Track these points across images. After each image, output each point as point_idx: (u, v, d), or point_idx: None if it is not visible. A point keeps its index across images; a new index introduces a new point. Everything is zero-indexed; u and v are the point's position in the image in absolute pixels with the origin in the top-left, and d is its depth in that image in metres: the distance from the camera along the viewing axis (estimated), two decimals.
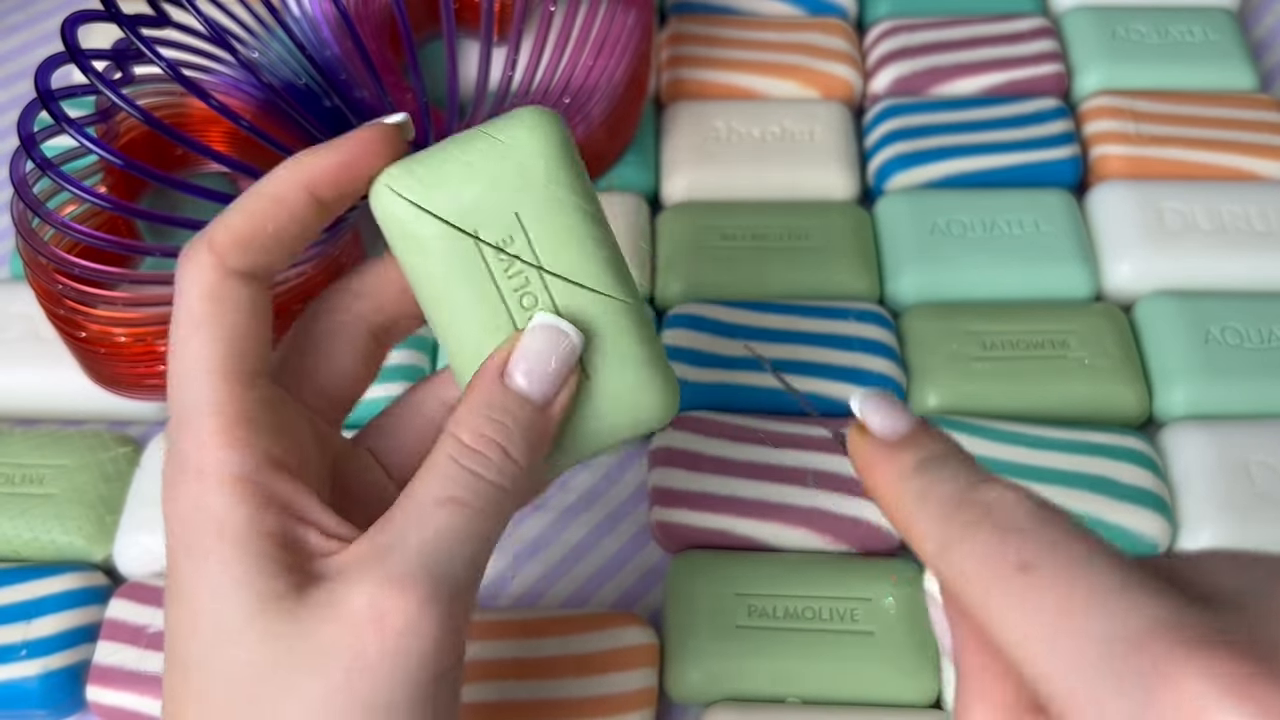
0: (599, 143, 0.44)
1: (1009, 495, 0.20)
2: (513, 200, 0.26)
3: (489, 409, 0.25)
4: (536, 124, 0.26)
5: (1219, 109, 0.47)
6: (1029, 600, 0.18)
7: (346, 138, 0.26)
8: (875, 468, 0.23)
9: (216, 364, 0.24)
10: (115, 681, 0.35)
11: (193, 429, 0.24)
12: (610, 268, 0.26)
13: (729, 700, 0.35)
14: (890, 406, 0.24)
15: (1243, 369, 0.41)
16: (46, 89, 0.32)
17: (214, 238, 0.25)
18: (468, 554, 0.23)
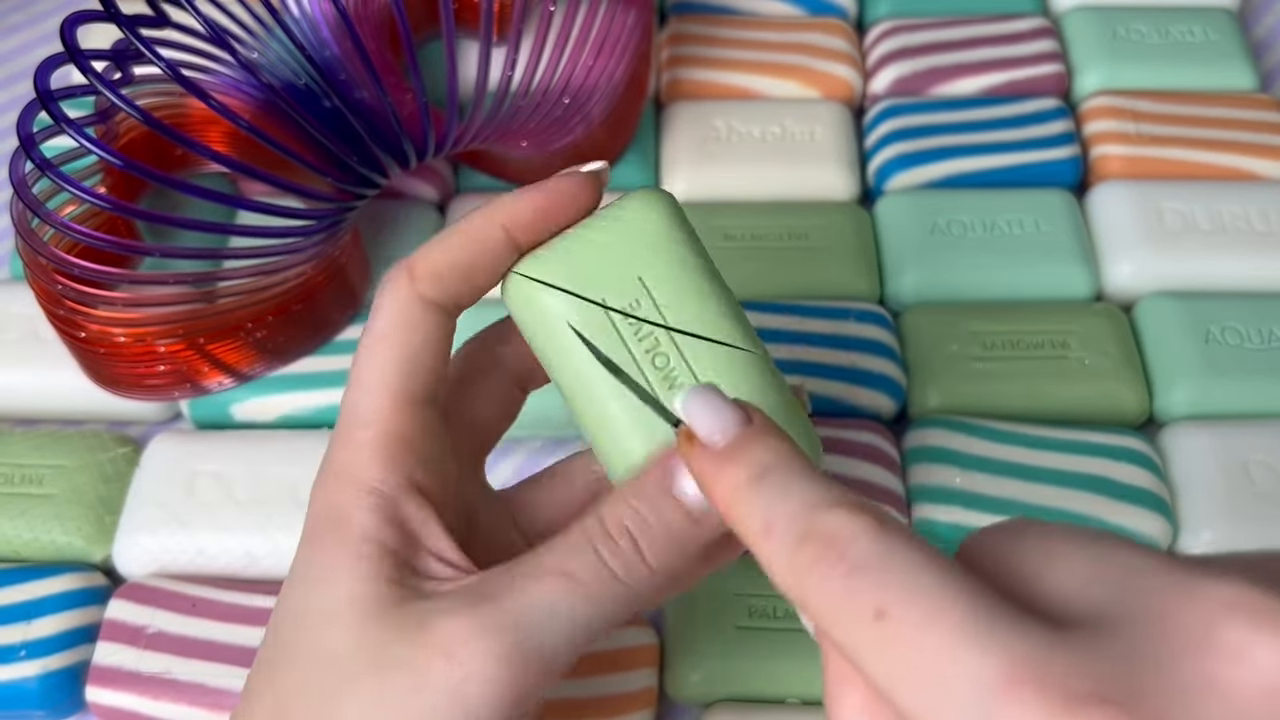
0: (599, 143, 0.44)
1: (852, 523, 0.19)
2: (635, 266, 0.26)
3: (639, 503, 0.24)
4: (650, 198, 0.27)
5: (1219, 109, 0.47)
6: (889, 648, 0.18)
7: (546, 185, 0.26)
8: (706, 481, 0.22)
9: (389, 381, 0.25)
10: (115, 682, 0.35)
11: (350, 436, 0.25)
12: (735, 321, 0.27)
13: (729, 700, 0.35)
14: (714, 405, 0.22)
15: (1243, 369, 0.41)
16: (46, 89, 0.32)
17: (414, 265, 0.26)
18: (562, 631, 0.23)
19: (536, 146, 0.42)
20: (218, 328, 0.37)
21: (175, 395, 0.40)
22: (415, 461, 0.25)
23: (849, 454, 0.39)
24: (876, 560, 0.18)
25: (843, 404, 0.40)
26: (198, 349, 0.38)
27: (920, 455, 0.39)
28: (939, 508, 0.38)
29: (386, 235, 0.45)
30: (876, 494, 0.38)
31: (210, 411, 0.41)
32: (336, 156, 0.35)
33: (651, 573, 0.24)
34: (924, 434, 0.40)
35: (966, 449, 0.39)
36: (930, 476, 0.38)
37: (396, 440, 0.25)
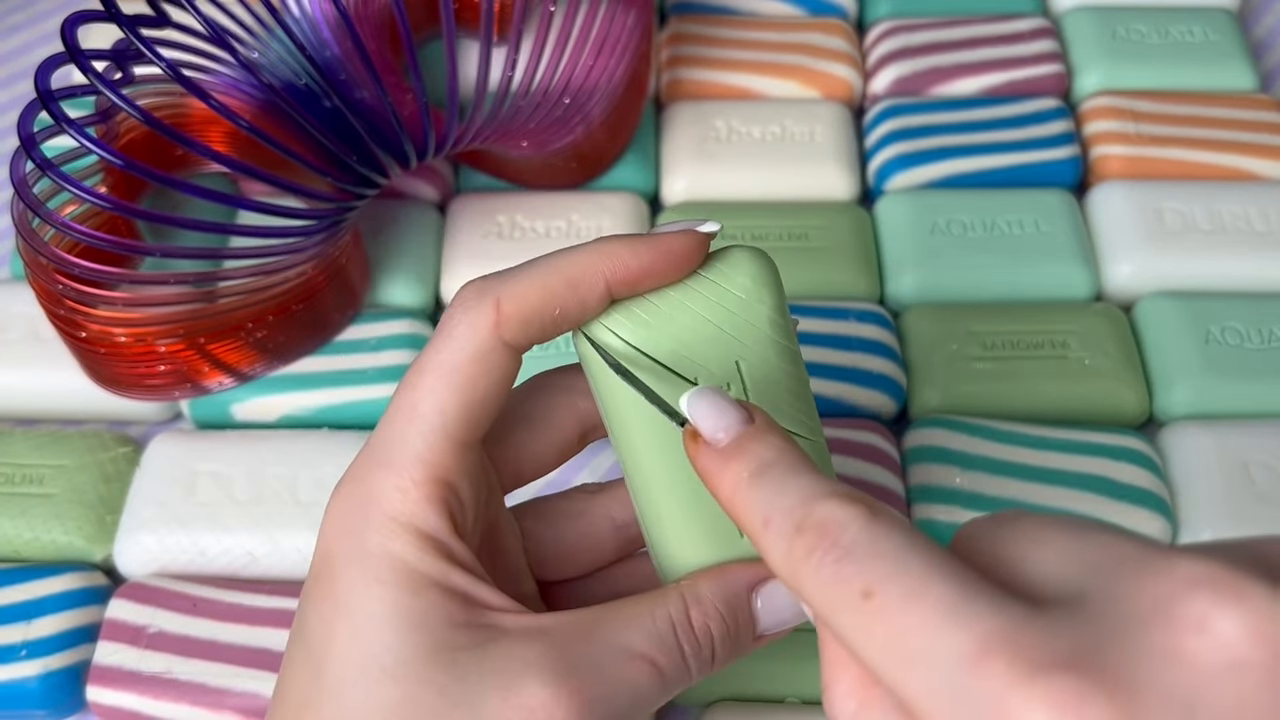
0: (599, 143, 0.44)
1: (844, 512, 0.20)
2: (735, 349, 0.25)
3: (727, 609, 0.25)
4: (760, 271, 0.26)
5: (1219, 109, 0.47)
6: (875, 627, 0.19)
7: (656, 241, 0.25)
8: (710, 477, 0.23)
9: (450, 422, 0.24)
10: (115, 681, 0.35)
11: (398, 471, 0.24)
12: (813, 412, 0.26)
13: (729, 700, 0.35)
14: (717, 405, 0.23)
15: (1243, 369, 0.41)
16: (46, 89, 0.32)
17: (503, 301, 0.24)
18: (633, 714, 0.24)
19: (537, 146, 0.42)
20: (218, 328, 0.37)
21: (176, 395, 0.40)
22: (458, 506, 0.24)
23: (849, 454, 0.39)
24: (866, 545, 0.19)
25: (843, 404, 0.40)
26: (198, 349, 0.38)
27: (920, 455, 0.39)
28: (939, 508, 0.38)
29: (386, 235, 0.45)
30: (877, 494, 0.38)
31: (211, 411, 0.41)
32: (337, 156, 0.35)
33: (709, 674, 0.25)
34: (924, 434, 0.40)
35: (966, 449, 0.39)
36: (930, 476, 0.38)
37: (448, 486, 0.24)
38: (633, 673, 0.24)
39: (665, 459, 0.25)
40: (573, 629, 0.24)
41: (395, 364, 0.41)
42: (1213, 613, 0.17)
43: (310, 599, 0.24)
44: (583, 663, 0.23)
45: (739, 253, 0.26)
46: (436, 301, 0.45)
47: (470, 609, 0.24)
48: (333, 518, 0.24)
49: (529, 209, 0.45)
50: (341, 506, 0.24)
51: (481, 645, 0.23)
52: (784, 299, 0.26)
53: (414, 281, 0.44)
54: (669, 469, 0.25)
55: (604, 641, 0.24)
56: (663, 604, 0.25)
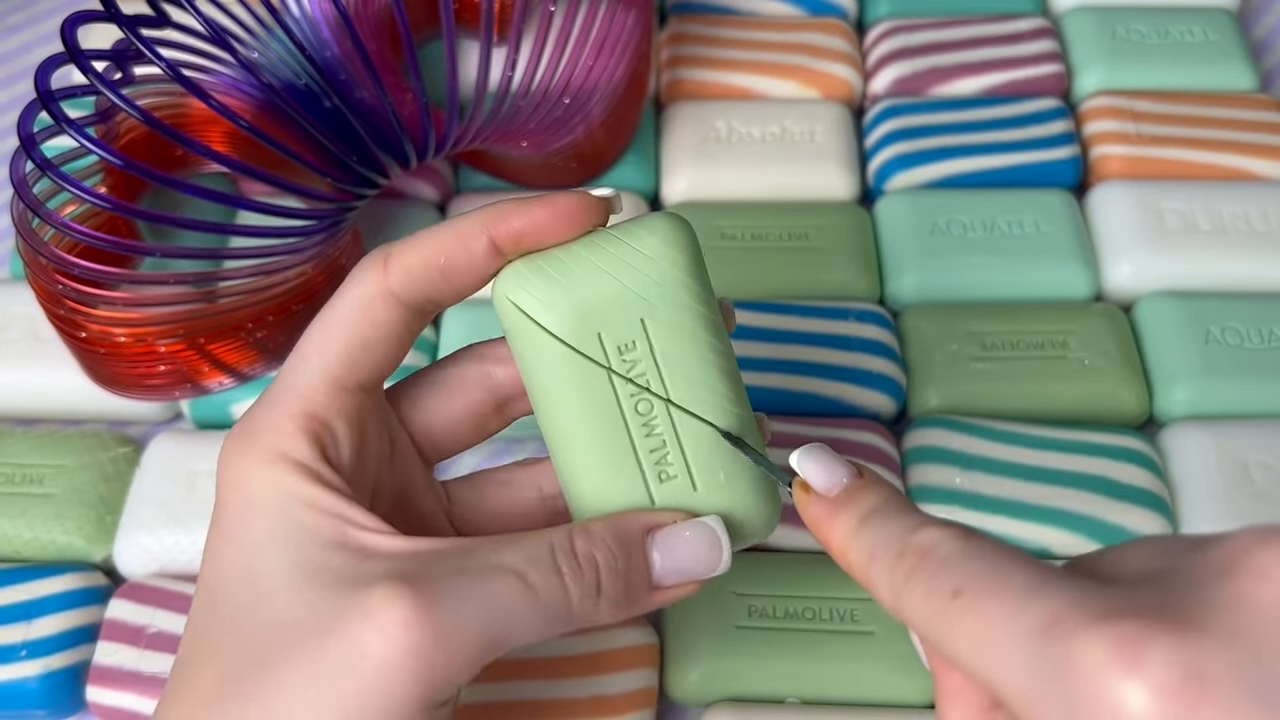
0: (599, 143, 0.44)
1: (939, 534, 0.22)
2: (641, 307, 0.26)
3: (616, 543, 0.25)
4: (673, 234, 0.26)
5: (1219, 109, 0.48)
6: (964, 621, 0.20)
7: (546, 199, 0.26)
8: (821, 526, 0.24)
9: (329, 364, 0.26)
10: (115, 682, 0.35)
11: (277, 407, 0.25)
12: (729, 380, 0.27)
13: (729, 700, 0.35)
14: (827, 462, 0.25)
15: (1243, 369, 0.41)
16: (46, 89, 0.32)
17: (391, 254, 0.26)
18: (500, 627, 0.23)
19: (536, 147, 0.42)
20: (218, 328, 0.37)
21: (176, 395, 0.40)
22: (330, 440, 0.25)
23: (849, 454, 0.39)
24: (958, 555, 0.21)
25: (843, 404, 0.40)
26: (198, 349, 0.38)
27: (920, 455, 0.39)
28: (939, 507, 0.38)
29: (386, 235, 0.45)
30: None
31: (211, 411, 0.41)
32: (337, 157, 0.35)
33: (594, 611, 0.25)
34: (924, 434, 0.40)
35: (966, 449, 0.39)
36: (930, 476, 0.38)
37: (322, 422, 0.25)
38: (495, 583, 0.23)
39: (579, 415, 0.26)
40: (444, 548, 0.24)
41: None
42: (1273, 563, 0.18)
43: (208, 534, 0.25)
44: (438, 571, 0.23)
45: (655, 217, 0.27)
46: None
47: (342, 529, 0.24)
48: (221, 457, 0.26)
49: None
50: (228, 445, 0.26)
51: (350, 562, 0.24)
52: (702, 267, 0.27)
53: None
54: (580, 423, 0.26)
55: (471, 557, 0.24)
56: (546, 533, 0.25)
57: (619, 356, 0.26)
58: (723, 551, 0.26)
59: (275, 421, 0.25)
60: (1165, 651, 0.17)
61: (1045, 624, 0.19)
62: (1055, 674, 0.18)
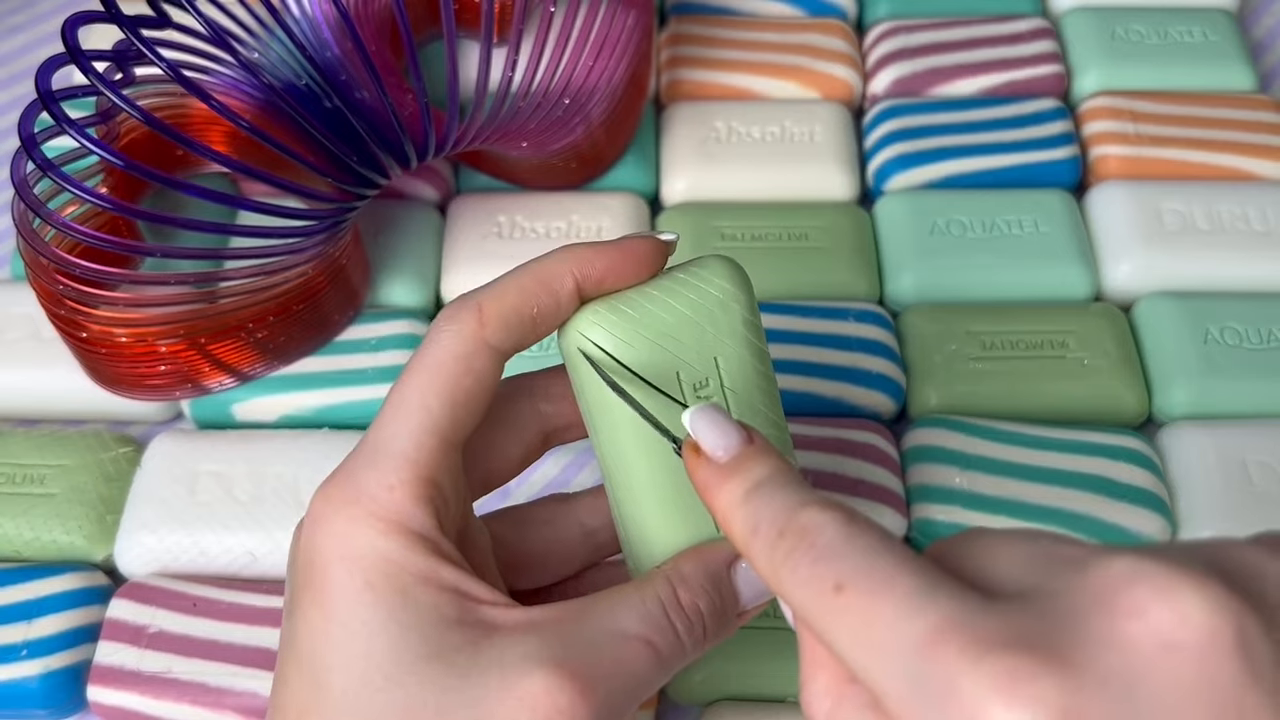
0: (599, 143, 0.44)
1: (822, 516, 0.21)
2: (714, 345, 0.27)
3: (712, 587, 0.26)
4: (734, 274, 0.27)
5: (1218, 109, 0.48)
6: (844, 617, 0.20)
7: (618, 244, 0.27)
8: (708, 490, 0.24)
9: (436, 422, 0.25)
10: (116, 681, 0.35)
11: (385, 471, 0.24)
12: (779, 409, 0.28)
13: (729, 700, 0.35)
14: (719, 423, 0.24)
15: (1242, 369, 0.41)
16: (47, 90, 0.32)
17: (485, 305, 0.25)
18: (635, 696, 0.24)
19: (536, 147, 0.42)
20: (219, 328, 0.37)
21: (176, 395, 0.40)
22: (442, 504, 0.25)
23: (849, 454, 0.39)
24: (841, 544, 0.21)
25: (842, 404, 0.41)
26: (199, 349, 0.38)
27: (920, 455, 0.39)
28: (939, 507, 0.38)
29: (387, 235, 0.45)
30: (876, 494, 0.38)
31: (211, 411, 0.41)
32: (337, 157, 0.35)
33: (701, 652, 0.26)
34: (924, 434, 0.40)
35: (966, 449, 0.39)
36: (930, 476, 0.38)
37: (434, 485, 0.25)
38: (630, 653, 0.24)
39: (648, 456, 0.26)
40: (565, 618, 0.24)
41: (395, 364, 0.41)
42: (1149, 601, 0.18)
43: (299, 606, 0.24)
44: (579, 648, 0.24)
45: (715, 259, 0.28)
46: (437, 302, 0.45)
47: (462, 605, 0.24)
48: (317, 520, 0.24)
49: (529, 209, 0.46)
50: (326, 509, 0.24)
51: (476, 641, 0.23)
52: (755, 303, 0.28)
53: (414, 282, 0.44)
54: (650, 464, 0.26)
55: (597, 627, 0.24)
56: (650, 587, 0.25)
57: (694, 394, 0.27)
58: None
59: (385, 483, 0.24)
60: (1046, 690, 0.17)
61: (928, 639, 0.19)
62: (935, 695, 0.18)
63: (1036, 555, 0.21)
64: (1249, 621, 0.18)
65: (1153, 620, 0.18)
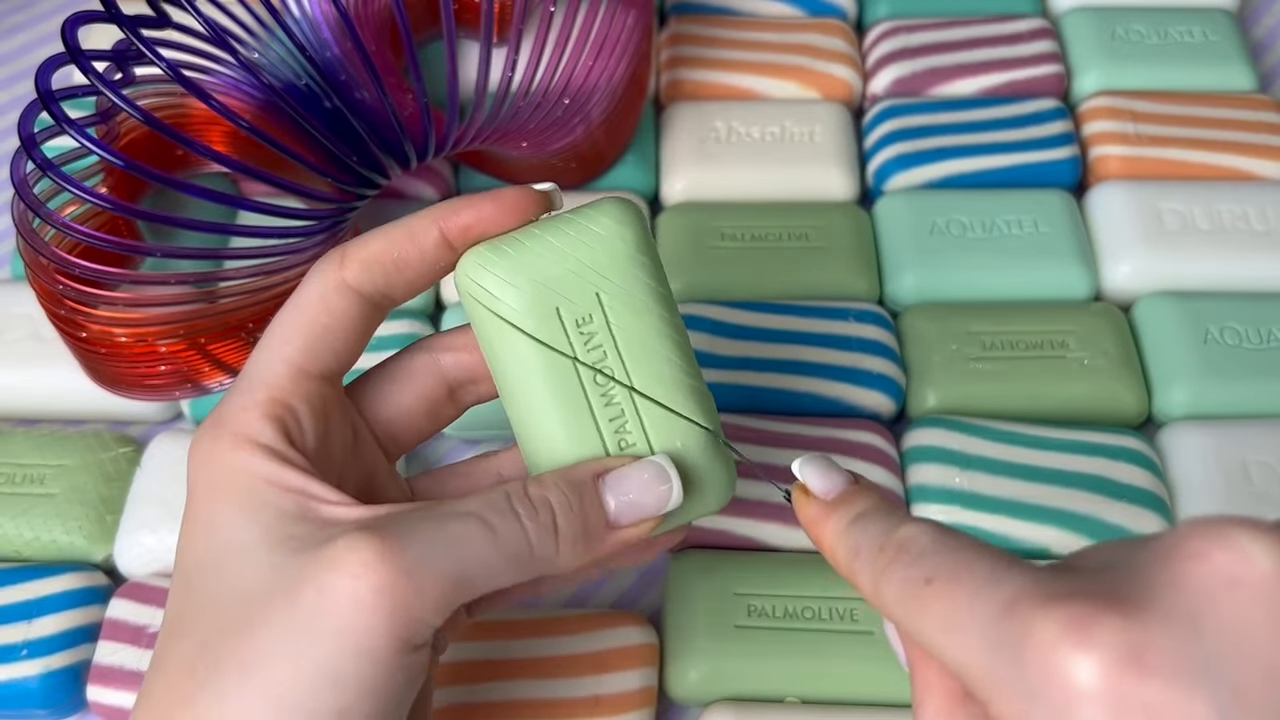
0: (599, 143, 0.44)
1: (917, 529, 0.23)
2: (596, 282, 0.27)
3: (568, 489, 0.26)
4: (624, 215, 0.28)
5: (1218, 110, 0.48)
6: (933, 606, 0.22)
7: (492, 195, 0.28)
8: (815, 526, 0.26)
9: (291, 352, 0.27)
10: (116, 681, 0.35)
11: (243, 395, 0.26)
12: (681, 351, 0.28)
13: (729, 700, 0.35)
14: (826, 469, 0.26)
15: (1242, 369, 0.41)
16: (47, 89, 0.32)
17: (346, 249, 0.27)
18: (465, 566, 0.24)
19: (536, 147, 0.42)
20: (219, 328, 0.37)
21: (176, 395, 0.40)
22: (304, 428, 0.26)
23: (849, 454, 0.39)
24: (933, 548, 0.23)
25: (842, 404, 0.41)
26: (199, 349, 0.38)
27: (919, 455, 0.39)
28: (938, 507, 0.38)
29: None
30: None
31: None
32: (337, 157, 0.35)
33: (556, 553, 0.25)
34: (923, 434, 0.40)
35: (966, 449, 0.39)
36: (930, 476, 0.38)
37: (287, 406, 0.26)
38: (457, 525, 0.24)
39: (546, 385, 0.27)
40: (406, 508, 0.25)
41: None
42: (1210, 545, 0.19)
43: (181, 526, 0.26)
44: (400, 520, 0.24)
45: (608, 200, 0.28)
46: (436, 301, 0.45)
47: (304, 503, 0.25)
48: (191, 449, 0.26)
49: None
50: (198, 436, 0.26)
51: (314, 531, 0.24)
52: (651, 243, 0.28)
53: None
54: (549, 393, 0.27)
55: (429, 508, 0.25)
56: (502, 486, 0.26)
57: (576, 330, 0.27)
58: (672, 485, 0.27)
59: (241, 409, 0.26)
60: (1111, 629, 0.19)
61: (1005, 606, 0.20)
62: (1011, 651, 0.20)
63: (1116, 544, 0.22)
64: None
65: (1215, 561, 0.19)
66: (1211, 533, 0.20)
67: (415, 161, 0.37)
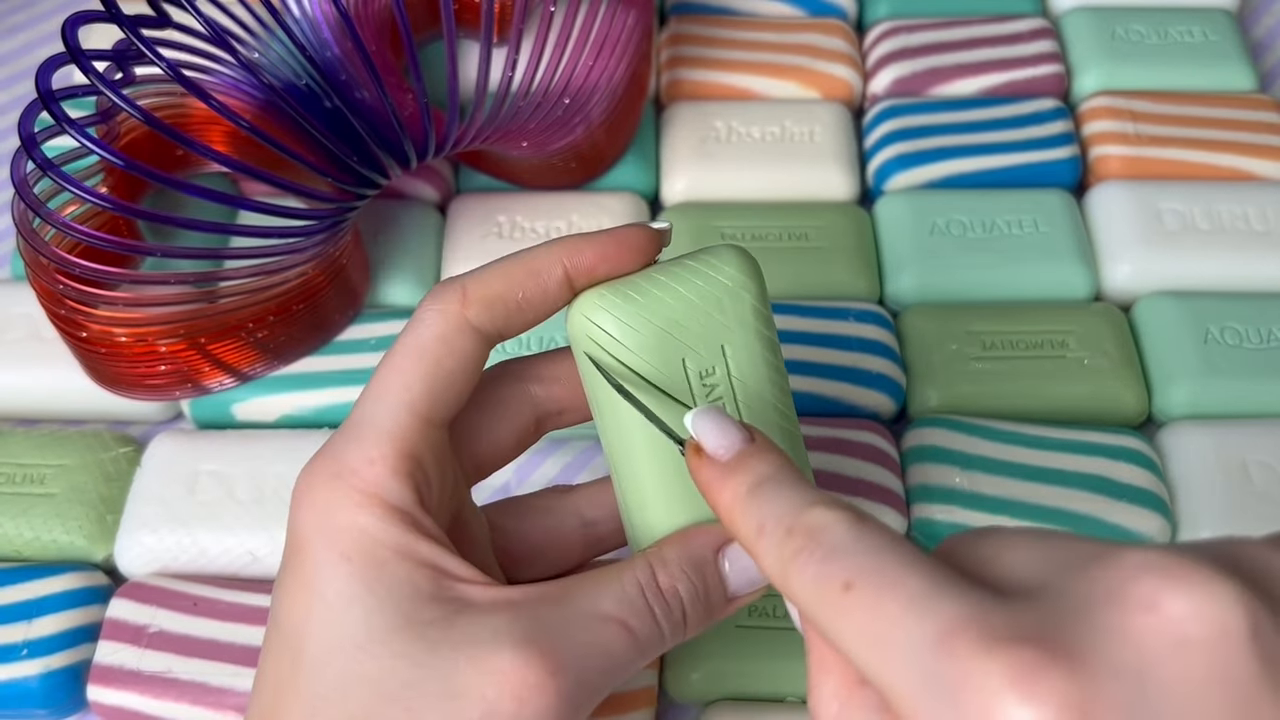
0: (599, 143, 0.44)
1: (830, 516, 0.21)
2: (721, 334, 0.27)
3: (693, 570, 0.26)
4: (745, 262, 0.27)
5: (1218, 109, 0.48)
6: (853, 616, 0.20)
7: (613, 232, 0.27)
8: (711, 490, 0.24)
9: (416, 399, 0.25)
10: (116, 681, 0.35)
11: (365, 446, 0.25)
12: (790, 401, 0.28)
13: (729, 700, 0.35)
14: (720, 424, 0.24)
15: (1242, 369, 0.41)
16: (47, 89, 0.32)
17: (469, 288, 0.26)
18: (615, 678, 0.24)
19: (537, 147, 0.42)
20: (219, 327, 0.37)
21: (176, 395, 0.40)
22: (426, 482, 0.25)
23: (849, 454, 0.39)
24: (848, 544, 0.21)
25: (842, 404, 0.41)
26: (199, 349, 0.38)
27: (920, 455, 0.39)
28: (938, 507, 0.38)
29: (387, 235, 0.45)
30: (876, 494, 0.38)
31: (211, 411, 0.41)
32: (337, 157, 0.35)
33: (685, 636, 0.25)
34: (923, 433, 0.40)
35: (966, 449, 0.39)
36: (930, 476, 0.38)
37: (413, 460, 0.25)
38: (604, 634, 0.24)
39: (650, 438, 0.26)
40: (541, 598, 0.24)
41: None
42: (1161, 594, 0.18)
43: (282, 583, 0.25)
44: (552, 627, 0.24)
45: (727, 248, 0.27)
46: None
47: (438, 581, 0.24)
48: (300, 496, 0.25)
49: (529, 209, 0.46)
50: (308, 483, 0.25)
51: (451, 616, 0.23)
52: (766, 293, 0.27)
53: (414, 281, 0.44)
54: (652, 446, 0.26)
55: (572, 607, 0.24)
56: (629, 570, 0.25)
57: (700, 382, 0.26)
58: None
59: (366, 458, 0.24)
60: (1057, 683, 0.17)
61: (940, 636, 0.19)
62: (948, 691, 0.18)
63: (1047, 553, 0.21)
64: (1262, 617, 0.18)
65: (1165, 614, 0.18)
66: (1165, 579, 0.18)
67: (415, 161, 0.37)
